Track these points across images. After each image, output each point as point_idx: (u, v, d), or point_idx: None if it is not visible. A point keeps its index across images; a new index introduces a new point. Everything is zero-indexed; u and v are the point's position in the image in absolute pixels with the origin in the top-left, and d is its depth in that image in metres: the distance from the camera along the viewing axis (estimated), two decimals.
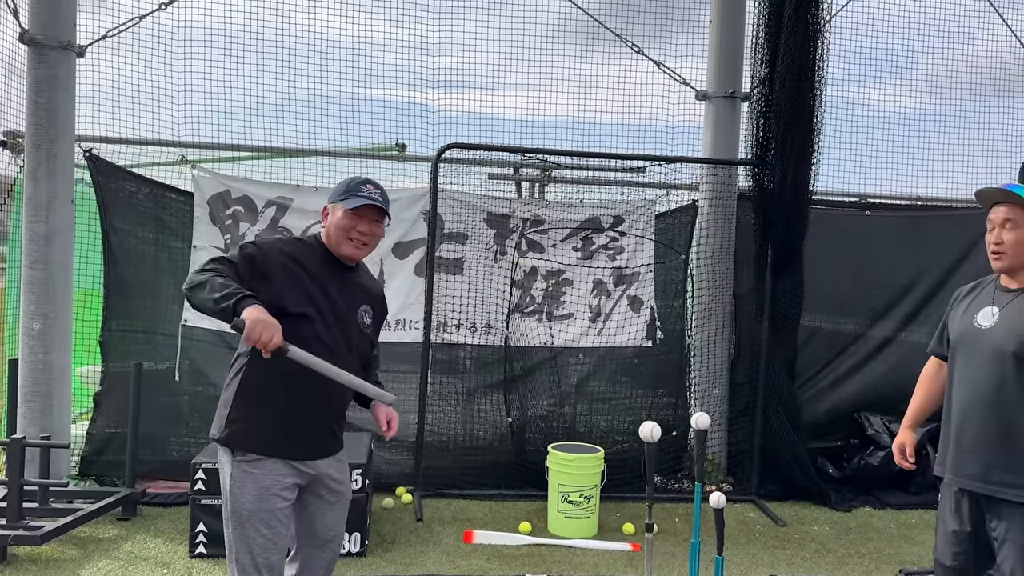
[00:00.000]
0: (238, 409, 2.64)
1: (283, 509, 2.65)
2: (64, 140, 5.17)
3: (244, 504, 2.60)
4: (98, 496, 4.73)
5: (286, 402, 2.64)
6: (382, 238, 2.85)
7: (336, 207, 2.73)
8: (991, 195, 2.81)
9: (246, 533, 2.61)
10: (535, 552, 4.56)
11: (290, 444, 2.66)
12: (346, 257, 2.75)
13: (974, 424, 2.78)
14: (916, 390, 3.17)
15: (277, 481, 2.63)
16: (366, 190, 2.73)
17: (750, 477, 5.77)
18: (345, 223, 2.70)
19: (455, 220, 5.69)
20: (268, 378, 2.62)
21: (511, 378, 5.74)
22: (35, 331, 5.09)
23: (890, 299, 6.25)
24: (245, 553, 2.62)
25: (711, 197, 5.93)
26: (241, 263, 2.55)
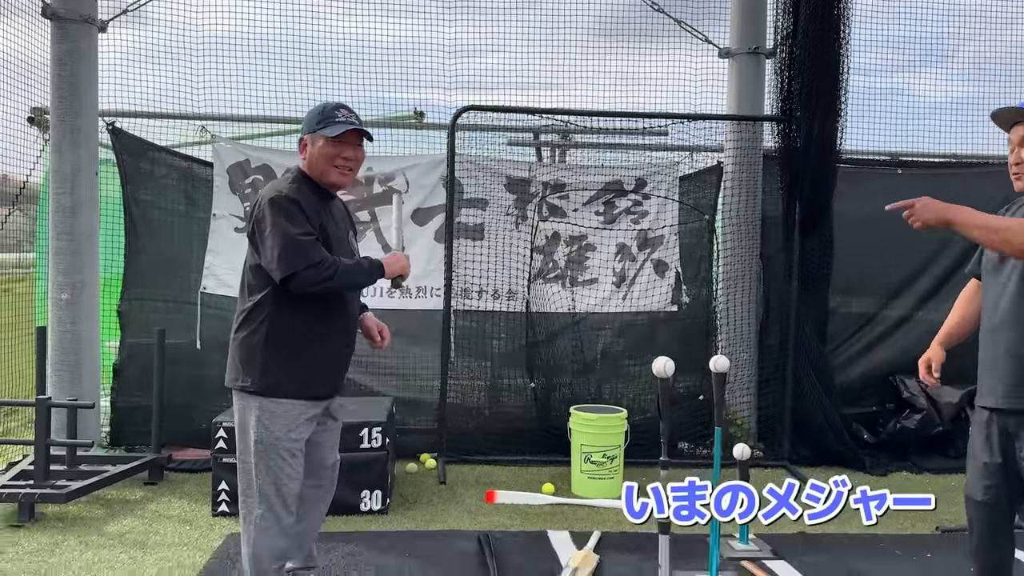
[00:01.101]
0: (271, 357, 2.69)
1: (304, 441, 2.78)
2: (87, 113, 5.25)
3: (274, 434, 2.69)
4: (125, 460, 4.79)
5: (316, 350, 2.74)
6: (363, 159, 2.86)
7: (316, 137, 2.72)
8: (1009, 115, 2.71)
9: (272, 464, 2.70)
10: (557, 511, 4.50)
11: (318, 387, 2.79)
12: (334, 185, 2.78)
13: (1002, 343, 2.68)
14: (953, 308, 3.05)
15: (302, 413, 2.74)
16: (342, 115, 2.72)
17: (781, 442, 5.64)
18: (329, 151, 2.71)
19: (474, 185, 5.65)
20: (296, 327, 2.71)
21: (533, 344, 5.68)
22: (63, 301, 5.18)
23: (925, 259, 6.06)
24: (270, 484, 2.71)
25: (736, 157, 5.80)
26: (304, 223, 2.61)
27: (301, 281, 2.58)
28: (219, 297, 5.45)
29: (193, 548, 3.78)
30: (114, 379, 5.45)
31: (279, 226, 2.57)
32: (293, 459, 2.73)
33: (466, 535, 4.02)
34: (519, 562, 3.68)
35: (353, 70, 5.68)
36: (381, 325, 2.99)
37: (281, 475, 2.71)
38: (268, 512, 2.72)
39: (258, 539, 2.72)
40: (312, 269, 2.57)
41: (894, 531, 4.32)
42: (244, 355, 2.71)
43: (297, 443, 2.74)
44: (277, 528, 2.73)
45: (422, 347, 5.57)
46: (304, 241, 2.58)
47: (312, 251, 2.58)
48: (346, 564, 3.60)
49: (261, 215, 2.62)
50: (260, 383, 2.68)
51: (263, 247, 2.61)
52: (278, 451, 2.69)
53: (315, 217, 2.67)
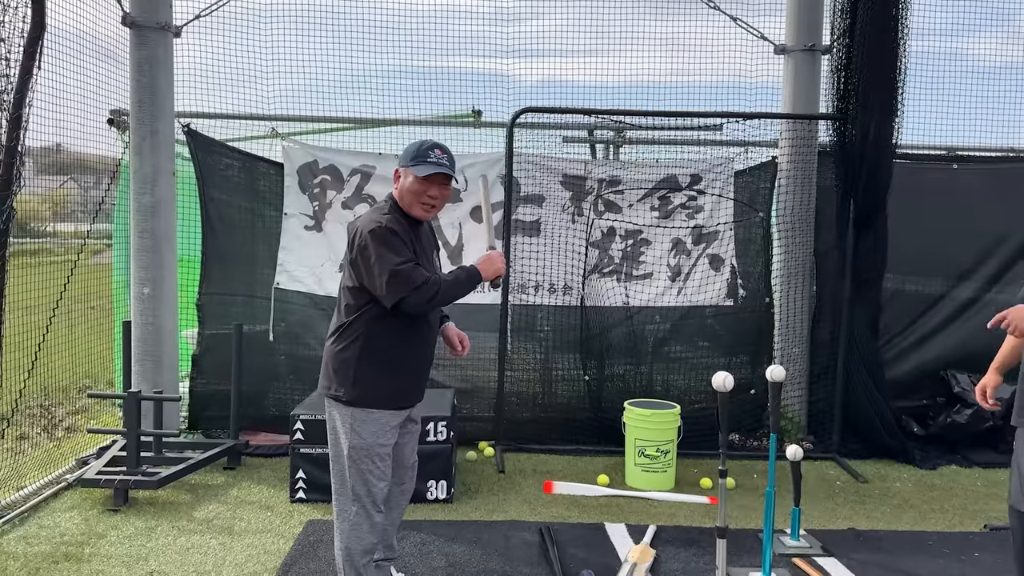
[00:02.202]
0: (363, 372, 2.95)
1: (391, 445, 3.05)
2: (165, 117, 5.51)
3: (366, 440, 2.96)
4: (206, 447, 5.11)
5: (407, 365, 3.02)
6: (449, 198, 3.12)
7: (408, 172, 2.95)
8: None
9: (364, 467, 2.98)
10: (613, 503, 4.70)
11: (404, 398, 3.07)
12: (418, 218, 3.01)
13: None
14: (1007, 337, 3.15)
15: (388, 421, 3.01)
16: (435, 155, 2.94)
17: (831, 435, 5.75)
18: (417, 188, 2.93)
19: (531, 183, 5.81)
20: (391, 342, 2.96)
21: (588, 337, 5.85)
22: (145, 296, 5.49)
23: (979, 255, 6.06)
24: (361, 484, 2.99)
25: (791, 153, 5.85)
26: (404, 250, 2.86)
27: (411, 304, 2.84)
28: (291, 292, 5.73)
29: (276, 535, 4.07)
30: (192, 368, 5.78)
31: (383, 257, 2.81)
32: (383, 462, 3.01)
33: (528, 526, 4.24)
34: (580, 554, 3.89)
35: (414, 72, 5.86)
36: (462, 335, 3.26)
37: (371, 477, 2.99)
38: (361, 510, 3.00)
39: (351, 535, 3.00)
40: (417, 292, 2.82)
41: (943, 528, 4.44)
42: (337, 366, 2.97)
43: (386, 447, 3.01)
44: (368, 525, 3.01)
45: (481, 339, 5.74)
46: (406, 269, 2.82)
47: (415, 276, 2.83)
48: (419, 553, 3.85)
49: (364, 244, 2.85)
50: (351, 394, 2.94)
51: (369, 275, 2.85)
52: (370, 456, 2.97)
53: (409, 243, 2.91)
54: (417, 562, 3.75)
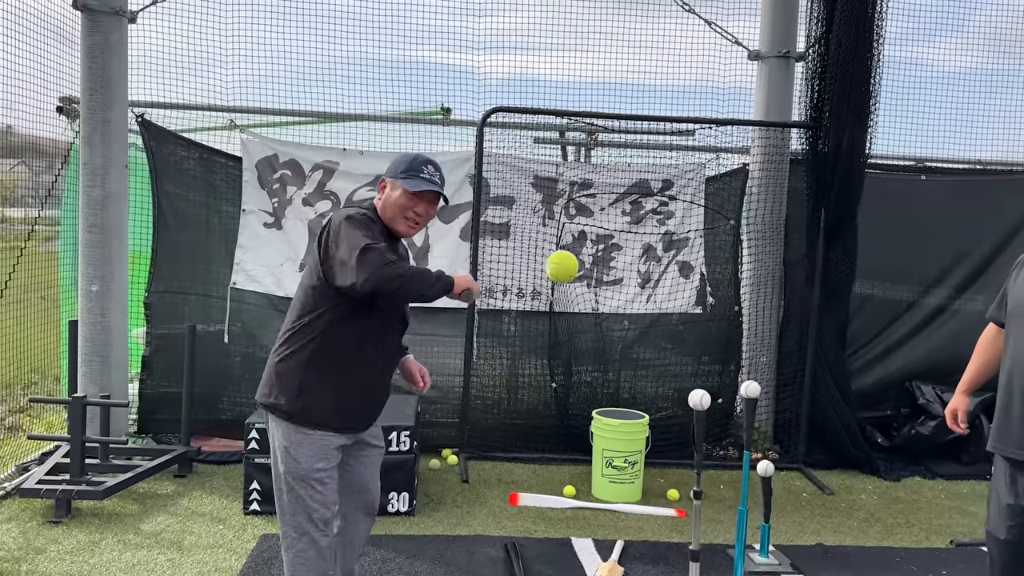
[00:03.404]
0: (308, 384, 2.69)
1: (334, 468, 2.80)
2: (118, 106, 5.24)
3: (303, 465, 2.71)
4: (155, 454, 4.89)
5: (358, 380, 2.76)
6: (433, 217, 2.92)
7: (396, 184, 2.74)
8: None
9: (302, 494, 2.72)
10: (579, 515, 4.59)
11: (348, 419, 2.80)
12: (400, 233, 2.80)
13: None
14: (973, 356, 3.11)
15: (330, 443, 2.76)
16: (427, 172, 2.74)
17: (797, 445, 5.72)
18: (403, 202, 2.73)
19: (501, 184, 5.67)
20: (343, 351, 2.71)
21: (556, 343, 5.73)
22: (93, 293, 5.23)
23: (945, 266, 6.09)
24: (302, 512, 2.74)
25: (762, 161, 5.80)
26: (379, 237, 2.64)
27: (376, 279, 2.49)
28: (248, 292, 5.51)
29: (228, 550, 3.88)
30: (142, 369, 5.53)
31: (352, 236, 2.56)
32: (323, 486, 2.73)
33: (493, 541, 4.11)
34: (546, 571, 3.77)
35: (380, 65, 5.68)
36: (423, 369, 3.05)
37: (311, 503, 2.72)
38: (303, 537, 2.74)
39: (296, 564, 2.76)
40: (386, 268, 2.51)
41: (909, 543, 4.42)
42: (280, 372, 2.72)
43: (324, 471, 2.74)
44: (314, 551, 2.76)
45: (446, 344, 5.62)
46: (380, 247, 2.56)
47: (387, 255, 2.56)
48: (379, 571, 3.70)
49: (332, 228, 2.63)
50: (292, 405, 2.68)
51: (338, 254, 2.58)
52: (307, 482, 2.70)
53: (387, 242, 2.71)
54: None
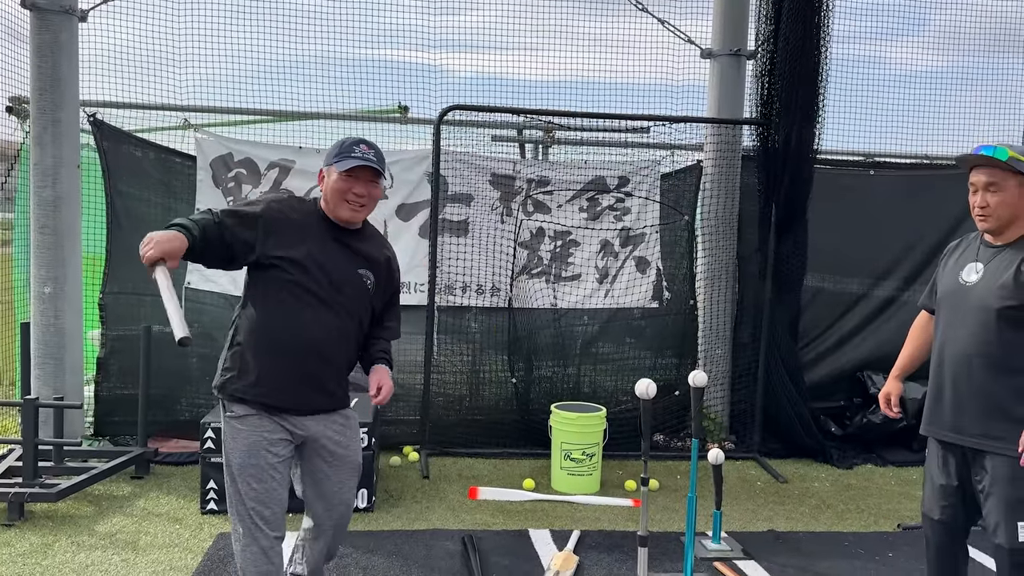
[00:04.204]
0: (233, 359, 2.71)
1: (274, 464, 2.68)
2: (68, 106, 5.19)
3: (235, 458, 2.68)
4: (111, 456, 4.84)
5: (278, 357, 2.66)
6: (380, 199, 2.84)
7: (331, 169, 2.72)
8: (971, 160, 2.81)
9: (239, 487, 2.68)
10: (538, 508, 4.65)
11: (272, 394, 2.67)
12: (344, 220, 2.73)
13: (958, 380, 2.81)
14: (906, 342, 3.21)
15: (264, 437, 2.67)
16: (359, 151, 2.71)
17: (752, 435, 5.83)
18: (340, 185, 2.69)
19: (459, 181, 5.70)
20: (256, 329, 2.67)
21: (515, 339, 5.78)
22: (46, 295, 5.17)
23: (894, 259, 6.25)
24: (240, 504, 2.70)
25: (715, 157, 5.90)
26: (222, 214, 2.60)
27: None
28: (203, 292, 5.48)
29: (184, 550, 3.87)
30: (97, 371, 5.48)
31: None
32: (259, 484, 2.66)
33: (451, 535, 4.14)
34: (503, 562, 3.81)
35: (337, 63, 5.68)
36: (383, 382, 2.82)
37: (247, 499, 2.66)
38: (247, 532, 2.69)
39: (244, 557, 2.71)
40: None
41: (859, 528, 4.53)
42: (220, 359, 2.77)
43: (261, 468, 2.66)
44: (256, 548, 2.68)
45: (405, 341, 5.62)
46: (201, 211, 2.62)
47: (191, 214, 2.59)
48: (335, 566, 3.71)
49: None
50: (219, 379, 2.71)
51: None
52: (243, 476, 2.66)
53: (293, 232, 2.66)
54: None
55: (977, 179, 2.77)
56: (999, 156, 2.69)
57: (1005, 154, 2.69)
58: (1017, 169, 2.69)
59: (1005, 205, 2.72)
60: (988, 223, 2.78)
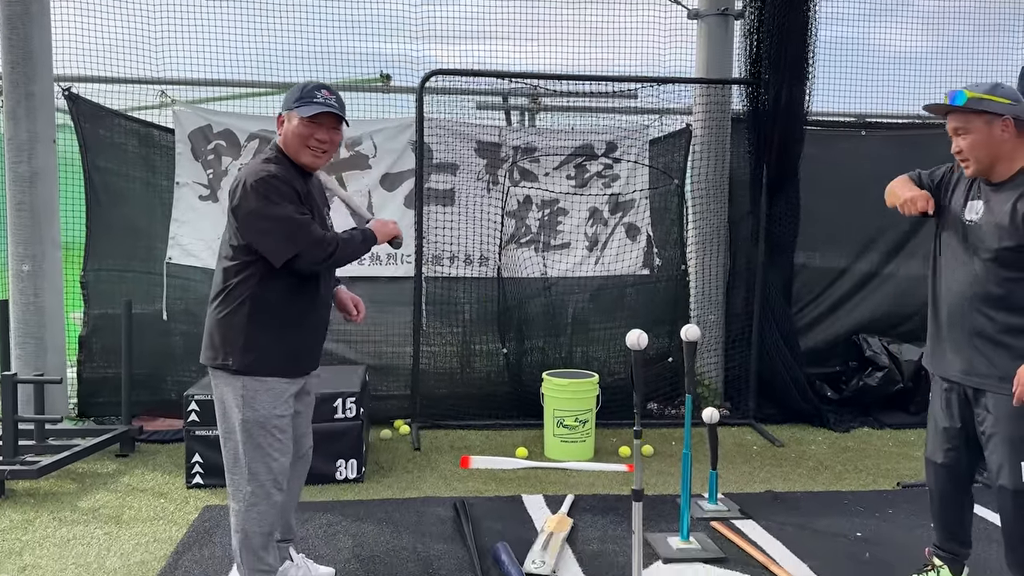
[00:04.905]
0: (253, 335, 2.66)
1: (290, 416, 2.79)
2: (42, 79, 5.07)
3: (261, 412, 2.69)
4: (96, 434, 4.74)
5: (298, 326, 2.74)
6: (340, 145, 2.87)
7: (292, 115, 2.69)
8: (936, 109, 2.77)
9: (262, 441, 2.70)
10: (531, 475, 4.57)
11: (301, 363, 2.80)
12: (306, 166, 2.75)
13: (958, 319, 2.76)
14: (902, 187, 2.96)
15: (284, 391, 2.75)
16: (321, 96, 2.69)
17: (747, 401, 5.76)
18: (303, 131, 2.68)
19: (444, 150, 5.60)
20: (282, 301, 2.69)
21: (505, 309, 5.69)
22: (24, 273, 5.07)
23: (886, 221, 6.14)
24: (259, 461, 2.71)
25: (705, 120, 5.81)
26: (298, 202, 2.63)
27: (304, 260, 2.60)
28: (185, 267, 5.37)
29: (169, 522, 3.78)
30: (80, 351, 5.38)
31: (275, 207, 2.55)
32: (283, 434, 2.74)
33: (442, 502, 4.06)
34: (495, 527, 3.73)
35: (319, 32, 5.55)
36: (356, 299, 3.02)
37: (271, 451, 2.71)
38: (259, 489, 2.72)
39: (248, 516, 2.72)
40: (315, 247, 2.59)
41: (857, 488, 4.47)
42: (224, 334, 2.67)
43: (284, 419, 2.74)
44: (267, 504, 2.74)
45: (394, 314, 5.55)
46: (302, 220, 2.59)
47: (312, 229, 2.60)
48: (324, 534, 3.63)
49: (248, 195, 2.57)
50: (242, 362, 2.66)
51: (257, 228, 2.58)
52: (267, 428, 2.70)
53: (300, 195, 2.66)
54: (321, 544, 3.53)
55: (949, 127, 2.74)
56: (957, 102, 2.65)
57: (963, 97, 2.64)
58: (978, 109, 2.62)
59: (977, 146, 2.66)
60: (969, 167, 2.73)
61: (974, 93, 2.63)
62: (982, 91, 2.63)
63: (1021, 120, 2.63)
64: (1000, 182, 2.70)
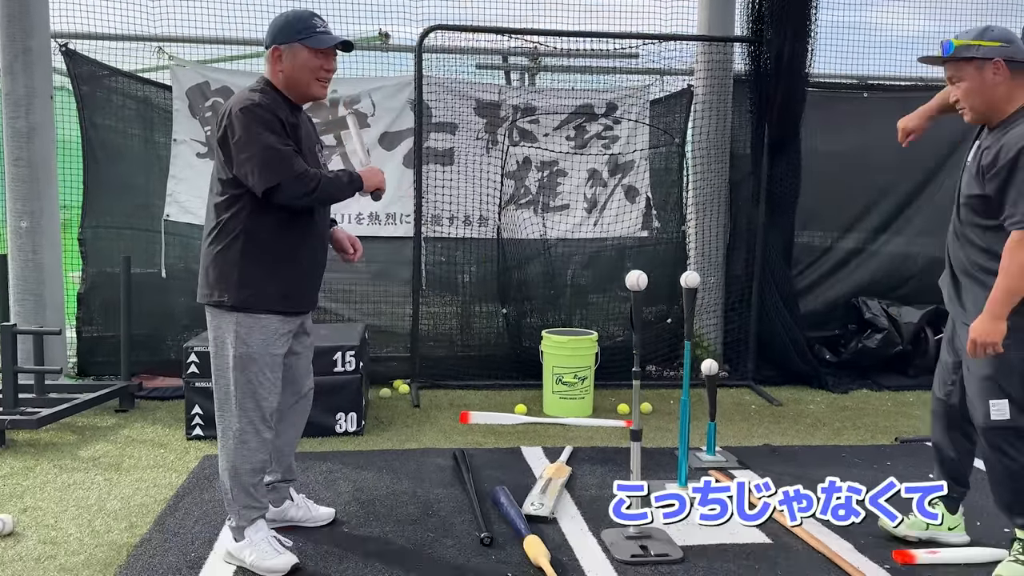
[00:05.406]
0: (248, 272, 2.64)
1: (282, 355, 2.77)
2: (39, 34, 5.04)
3: (253, 348, 2.67)
4: (95, 389, 4.75)
5: (297, 261, 2.72)
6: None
7: (297, 48, 2.64)
8: (929, 61, 2.77)
9: (253, 377, 2.69)
10: (530, 429, 4.58)
11: (296, 301, 2.77)
12: (314, 97, 2.74)
13: (949, 253, 2.85)
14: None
15: (277, 329, 2.73)
16: (321, 24, 2.68)
17: (746, 363, 5.76)
18: (315, 63, 2.66)
19: (443, 109, 5.56)
20: (276, 236, 2.66)
21: (505, 270, 5.68)
22: (23, 229, 5.05)
23: (888, 184, 6.14)
24: (249, 397, 2.70)
25: (706, 80, 5.77)
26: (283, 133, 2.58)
27: (284, 192, 2.55)
28: (183, 225, 5.36)
29: (168, 470, 3.79)
30: (79, 308, 5.37)
31: (258, 136, 2.51)
32: (273, 373, 2.73)
33: (441, 452, 4.07)
34: (495, 475, 3.74)
35: None
36: (353, 238, 3.00)
37: (260, 389, 2.71)
38: (248, 426, 2.71)
39: (237, 453, 2.72)
40: (296, 180, 2.54)
41: (855, 442, 4.48)
42: (219, 270, 2.65)
43: (276, 357, 2.73)
44: (257, 441, 2.73)
45: (393, 275, 5.55)
46: (285, 151, 2.55)
47: (295, 162, 2.56)
48: (324, 480, 3.64)
49: (232, 124, 2.54)
50: (237, 298, 2.64)
51: (239, 157, 2.54)
52: (258, 365, 2.68)
53: (289, 129, 2.63)
54: (322, 489, 3.53)
55: (946, 77, 2.73)
56: (946, 52, 2.65)
57: (951, 47, 2.64)
58: (966, 56, 2.60)
59: (971, 93, 2.65)
60: (966, 114, 2.73)
61: (962, 40, 2.62)
62: (971, 37, 2.62)
63: (1015, 61, 2.61)
64: (994, 127, 2.70)
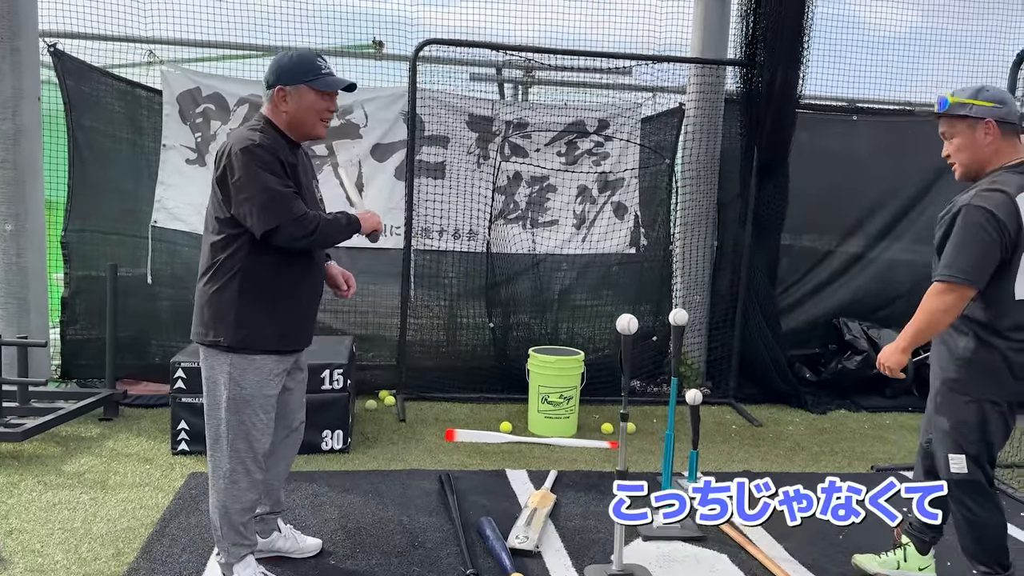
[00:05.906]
0: (244, 312, 2.64)
1: (276, 396, 2.79)
2: (27, 34, 4.97)
3: (247, 390, 2.68)
4: (79, 397, 4.73)
5: (293, 302, 2.73)
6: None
7: (304, 90, 2.66)
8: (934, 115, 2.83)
9: (246, 419, 2.70)
10: (515, 449, 4.62)
11: (293, 340, 2.79)
12: (317, 136, 2.78)
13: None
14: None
15: (272, 369, 2.74)
16: (326, 66, 2.71)
17: (728, 381, 5.85)
18: (320, 105, 2.70)
19: (436, 122, 5.55)
20: (273, 276, 2.66)
21: (493, 284, 5.71)
22: (7, 232, 5.00)
23: (872, 206, 6.23)
24: (242, 439, 2.71)
25: (698, 100, 5.80)
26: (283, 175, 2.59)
27: (283, 234, 2.55)
28: (170, 231, 5.32)
29: (155, 488, 3.80)
30: (63, 312, 5.33)
31: (258, 177, 2.51)
32: (266, 415, 2.74)
33: (427, 474, 4.11)
34: (480, 501, 3.79)
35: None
36: (347, 274, 3.02)
37: (253, 431, 2.72)
38: (239, 466, 2.72)
39: (228, 493, 2.73)
40: (296, 223, 2.55)
41: (833, 469, 4.56)
42: (214, 309, 2.65)
43: (270, 398, 2.74)
44: (247, 481, 2.75)
45: (382, 285, 5.55)
46: (286, 194, 2.56)
47: (295, 204, 2.57)
48: (310, 505, 3.66)
49: (232, 164, 2.53)
50: (233, 338, 2.64)
51: (238, 198, 2.53)
52: (251, 407, 2.69)
53: (289, 169, 2.63)
54: (308, 514, 3.56)
55: (940, 132, 2.79)
56: (941, 108, 2.71)
57: (946, 103, 2.71)
58: (959, 114, 2.67)
59: (962, 149, 2.72)
60: (956, 171, 2.80)
61: (957, 98, 2.68)
62: (966, 95, 2.68)
63: (1006, 122, 2.66)
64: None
